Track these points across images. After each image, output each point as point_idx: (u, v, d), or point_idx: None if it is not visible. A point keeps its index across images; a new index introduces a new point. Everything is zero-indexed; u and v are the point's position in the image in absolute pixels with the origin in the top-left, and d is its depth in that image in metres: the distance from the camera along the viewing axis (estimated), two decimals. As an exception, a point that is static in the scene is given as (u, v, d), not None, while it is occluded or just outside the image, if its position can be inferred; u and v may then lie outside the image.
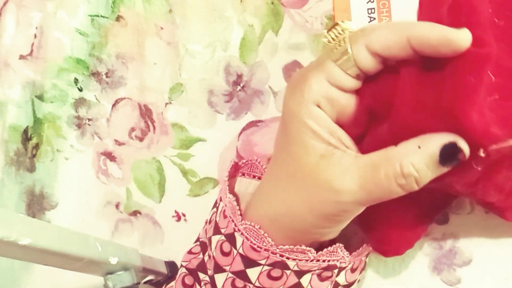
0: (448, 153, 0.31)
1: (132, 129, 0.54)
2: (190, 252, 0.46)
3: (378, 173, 0.32)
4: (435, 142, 0.31)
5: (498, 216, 0.41)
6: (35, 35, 0.57)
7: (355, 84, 0.35)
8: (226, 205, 0.40)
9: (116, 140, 0.55)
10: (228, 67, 0.51)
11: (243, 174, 0.46)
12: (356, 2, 0.44)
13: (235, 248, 0.38)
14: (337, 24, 0.34)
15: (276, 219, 0.37)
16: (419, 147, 0.32)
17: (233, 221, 0.39)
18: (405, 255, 0.46)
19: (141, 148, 0.54)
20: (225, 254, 0.39)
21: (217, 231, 0.41)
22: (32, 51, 0.58)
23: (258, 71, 0.50)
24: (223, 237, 0.40)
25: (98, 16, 0.55)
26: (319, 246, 0.40)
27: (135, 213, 0.55)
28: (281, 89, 0.50)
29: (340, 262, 0.39)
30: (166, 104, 0.53)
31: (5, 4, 0.58)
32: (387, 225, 0.41)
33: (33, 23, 0.57)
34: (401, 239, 0.42)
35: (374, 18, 0.44)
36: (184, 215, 0.54)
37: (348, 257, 0.39)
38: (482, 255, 0.45)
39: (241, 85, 0.51)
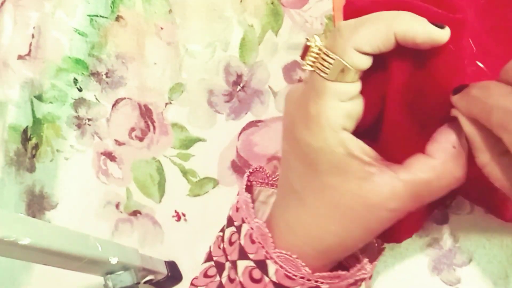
0: None
1: (132, 129, 0.54)
2: (206, 275, 0.44)
3: (430, 186, 0.33)
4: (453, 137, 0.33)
5: (497, 216, 0.41)
6: (32, 35, 0.57)
7: (359, 85, 0.34)
8: (253, 229, 0.40)
9: (116, 140, 0.55)
10: (228, 67, 0.51)
11: (257, 183, 0.45)
12: (356, 2, 0.44)
13: (267, 275, 0.38)
14: (308, 46, 0.33)
15: (326, 250, 0.37)
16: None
17: (263, 247, 0.38)
18: (405, 255, 0.47)
19: (141, 148, 0.54)
20: (255, 281, 0.38)
21: (244, 256, 0.39)
22: (30, 51, 0.58)
23: (258, 71, 0.50)
24: (252, 263, 0.39)
25: (97, 16, 0.55)
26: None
27: (135, 213, 0.55)
28: (281, 89, 0.50)
29: (364, 274, 0.39)
30: (166, 104, 0.53)
31: (2, 4, 0.58)
32: None
33: (30, 23, 0.57)
34: (402, 227, 0.42)
35: (374, 18, 0.44)
36: (184, 215, 0.54)
37: (369, 267, 0.39)
38: (482, 255, 0.45)
39: (241, 85, 0.51)
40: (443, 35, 0.32)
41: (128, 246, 0.48)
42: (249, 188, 0.44)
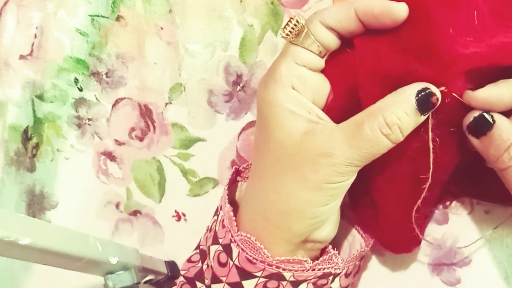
0: (423, 99, 0.34)
1: (132, 129, 0.54)
2: (189, 260, 0.45)
3: (363, 128, 0.34)
4: (410, 91, 0.34)
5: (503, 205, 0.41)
6: (35, 35, 0.57)
7: (321, 62, 0.37)
8: (225, 215, 0.40)
9: (116, 140, 0.55)
10: (228, 67, 0.51)
11: (244, 179, 0.46)
12: (356, 2, 0.44)
13: (231, 259, 0.38)
14: (290, 19, 0.37)
15: (267, 211, 0.37)
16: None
17: (229, 231, 0.39)
18: (405, 255, 0.47)
19: (141, 148, 0.54)
20: (221, 264, 0.39)
21: (215, 240, 0.40)
22: (32, 51, 0.58)
23: (258, 71, 0.50)
24: (220, 247, 0.39)
25: (98, 16, 0.55)
26: (314, 257, 0.40)
27: (135, 213, 0.55)
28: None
29: (335, 269, 0.39)
30: (166, 104, 0.53)
31: (5, 4, 0.58)
32: (398, 223, 0.41)
33: (33, 23, 0.57)
34: (411, 237, 0.42)
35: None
36: (184, 215, 0.54)
37: (342, 263, 0.39)
38: (482, 256, 0.45)
39: (241, 85, 0.51)
40: (399, 6, 0.34)
41: (128, 246, 0.48)
42: (234, 181, 0.45)
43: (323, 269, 0.38)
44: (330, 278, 0.39)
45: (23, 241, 0.37)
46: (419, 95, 0.34)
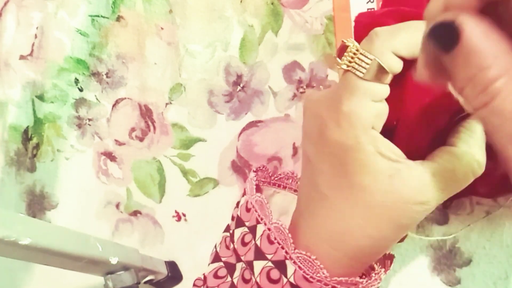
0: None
1: (132, 129, 0.54)
2: (216, 276, 0.44)
3: (456, 175, 0.34)
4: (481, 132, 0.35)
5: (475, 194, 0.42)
6: (35, 35, 0.57)
7: (388, 89, 0.35)
8: (270, 230, 0.40)
9: (116, 140, 0.55)
10: (228, 67, 0.51)
11: (258, 185, 0.45)
12: (356, 2, 0.44)
13: (286, 276, 0.38)
14: (345, 46, 0.34)
15: (359, 254, 0.37)
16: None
17: (282, 248, 0.38)
18: (405, 255, 0.46)
19: (141, 148, 0.54)
20: (272, 281, 0.38)
21: (261, 256, 0.39)
22: (32, 51, 0.58)
23: (258, 71, 0.50)
24: (270, 264, 0.39)
25: (98, 16, 0.55)
26: None
27: (135, 213, 0.55)
28: (280, 89, 0.50)
29: (378, 283, 0.39)
30: (166, 104, 0.53)
31: (5, 4, 0.58)
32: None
33: (33, 23, 0.57)
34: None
35: (374, 18, 0.44)
36: (184, 215, 0.54)
37: (383, 274, 0.39)
38: (481, 256, 0.45)
39: (241, 85, 0.51)
40: None
41: (128, 246, 0.48)
42: (258, 188, 0.44)
43: (371, 286, 0.38)
44: None
45: (23, 241, 0.37)
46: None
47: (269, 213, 0.40)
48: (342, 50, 0.34)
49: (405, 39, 0.33)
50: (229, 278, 0.42)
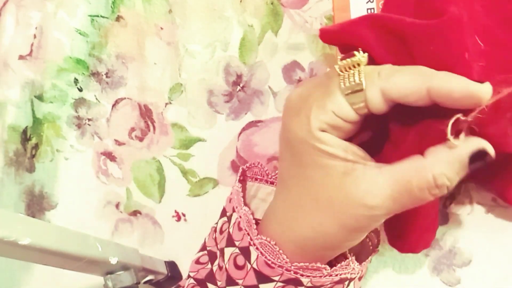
0: (477, 160, 0.32)
1: (132, 129, 0.54)
2: (197, 262, 0.45)
3: (411, 186, 0.32)
4: (464, 150, 0.32)
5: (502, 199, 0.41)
6: (34, 35, 0.57)
7: (358, 118, 0.34)
8: (241, 217, 0.40)
9: (116, 140, 0.55)
10: (228, 67, 0.51)
11: (252, 179, 0.46)
12: (355, 2, 0.44)
13: (249, 262, 0.38)
14: (353, 54, 0.34)
15: (303, 243, 0.37)
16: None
17: (248, 234, 0.39)
18: (405, 255, 0.47)
19: (141, 148, 0.54)
20: (238, 267, 0.39)
21: (230, 243, 0.40)
22: (31, 51, 0.58)
23: (257, 71, 0.50)
24: (237, 250, 0.39)
25: (98, 16, 0.55)
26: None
27: (135, 213, 0.55)
28: (280, 89, 0.50)
29: (351, 274, 0.39)
30: (166, 104, 0.53)
31: (4, 4, 0.58)
32: (409, 225, 0.40)
33: (32, 23, 0.57)
34: (421, 238, 0.42)
35: (374, 18, 0.44)
36: (184, 215, 0.54)
37: (358, 267, 0.39)
38: (481, 256, 0.45)
39: (241, 85, 0.51)
40: (482, 88, 0.31)
41: (128, 246, 0.48)
42: (242, 181, 0.44)
43: (340, 274, 0.38)
44: (346, 282, 0.39)
45: (23, 241, 0.37)
46: (473, 155, 0.32)
47: (242, 201, 0.40)
48: (349, 56, 0.34)
49: (400, 83, 0.32)
50: (209, 265, 0.43)
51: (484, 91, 0.31)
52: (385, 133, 0.37)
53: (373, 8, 0.44)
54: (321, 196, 0.35)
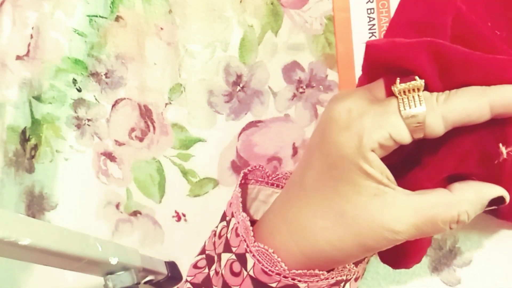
0: (494, 205, 0.35)
1: (132, 129, 0.54)
2: (195, 266, 0.45)
3: (436, 218, 0.34)
4: (487, 194, 0.34)
5: (495, 216, 0.41)
6: (31, 35, 0.57)
7: (409, 141, 0.35)
8: (239, 223, 0.40)
9: (116, 140, 0.55)
10: (227, 67, 0.51)
11: (247, 180, 0.46)
12: (355, 2, 0.44)
13: (246, 269, 0.38)
14: (413, 79, 0.34)
15: (316, 256, 0.37)
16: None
17: (245, 241, 0.39)
18: (405, 255, 0.47)
19: (141, 148, 0.54)
20: (235, 274, 0.39)
21: (228, 248, 0.40)
22: (28, 51, 0.58)
23: (257, 72, 0.50)
24: (233, 256, 0.39)
25: (96, 16, 0.55)
26: None
27: (135, 213, 0.55)
28: (280, 89, 0.50)
29: (347, 276, 0.39)
30: (166, 104, 0.53)
31: (1, 4, 0.58)
32: (405, 247, 0.40)
33: (29, 23, 0.57)
34: (412, 254, 0.42)
35: (374, 18, 0.44)
36: (184, 215, 0.54)
37: (354, 269, 0.39)
38: (481, 256, 0.45)
39: (241, 85, 0.51)
40: None
41: (128, 246, 0.48)
42: (243, 185, 0.44)
43: (337, 277, 0.38)
44: (342, 284, 0.39)
45: (23, 242, 0.37)
46: (493, 200, 0.34)
47: (240, 206, 0.40)
48: (409, 79, 0.34)
49: (459, 106, 0.33)
50: (206, 270, 0.43)
51: None
52: (410, 156, 0.37)
53: (373, 8, 0.44)
54: (347, 213, 0.35)
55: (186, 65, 0.52)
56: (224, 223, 0.43)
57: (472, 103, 0.33)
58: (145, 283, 0.50)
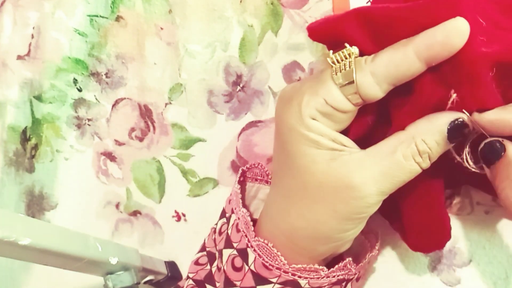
0: (455, 130, 0.33)
1: (132, 129, 0.54)
2: (197, 263, 0.45)
3: (396, 155, 0.33)
4: (442, 120, 0.33)
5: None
6: (32, 35, 0.57)
7: (352, 108, 0.35)
8: (239, 219, 0.40)
9: (116, 140, 0.55)
10: (227, 67, 0.51)
11: (252, 180, 0.46)
12: (355, 2, 0.44)
13: (247, 264, 0.38)
14: (344, 46, 0.34)
15: (294, 235, 0.37)
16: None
17: (246, 236, 0.39)
18: (405, 255, 0.47)
19: (141, 148, 0.54)
20: (236, 269, 0.39)
21: (229, 244, 0.40)
22: (29, 51, 0.58)
23: (257, 72, 0.50)
24: (235, 252, 0.39)
25: (97, 16, 0.55)
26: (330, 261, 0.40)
27: (135, 213, 0.55)
28: (280, 89, 0.50)
29: (348, 275, 0.39)
30: (166, 104, 0.53)
31: (2, 4, 0.58)
32: (427, 219, 0.40)
33: (30, 23, 0.57)
34: (442, 231, 0.41)
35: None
36: (184, 215, 0.54)
37: (355, 269, 0.39)
38: (481, 256, 0.45)
39: (241, 85, 0.51)
40: (458, 21, 0.31)
41: (128, 246, 0.48)
42: (242, 183, 0.44)
43: (338, 276, 0.38)
44: (344, 283, 0.39)
45: (23, 241, 0.37)
46: (452, 125, 0.33)
47: (240, 202, 0.41)
48: (339, 47, 0.35)
49: (386, 57, 0.33)
50: (208, 266, 0.43)
51: (458, 23, 0.31)
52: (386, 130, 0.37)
53: (373, 8, 0.44)
54: (309, 183, 0.35)
55: (186, 65, 0.52)
56: (224, 219, 0.43)
57: (397, 54, 0.32)
58: (145, 283, 0.50)
